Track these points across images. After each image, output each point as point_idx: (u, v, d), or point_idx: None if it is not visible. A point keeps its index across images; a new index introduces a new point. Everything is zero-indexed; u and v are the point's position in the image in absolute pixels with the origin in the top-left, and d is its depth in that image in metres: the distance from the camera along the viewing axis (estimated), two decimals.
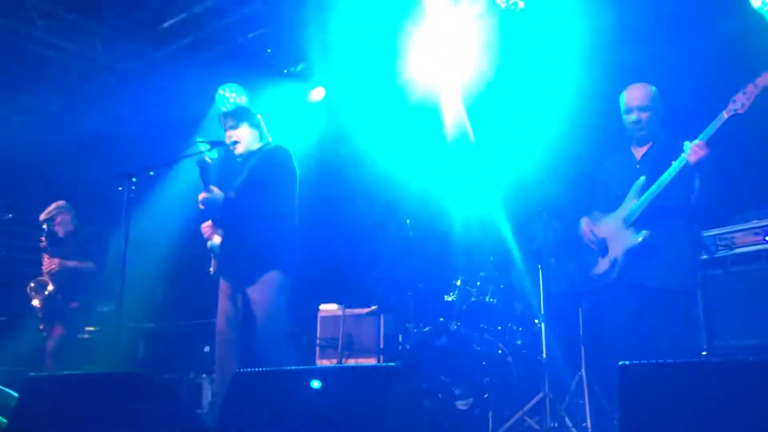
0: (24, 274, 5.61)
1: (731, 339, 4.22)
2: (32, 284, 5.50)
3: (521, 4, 5.61)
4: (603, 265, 3.66)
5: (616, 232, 3.63)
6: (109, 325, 6.41)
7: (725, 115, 3.26)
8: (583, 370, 4.34)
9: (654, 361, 2.06)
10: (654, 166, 3.56)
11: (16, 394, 3.01)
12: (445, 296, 5.32)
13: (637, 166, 3.68)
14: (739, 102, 3.21)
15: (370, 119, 6.77)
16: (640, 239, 3.49)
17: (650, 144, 3.69)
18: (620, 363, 2.05)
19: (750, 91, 3.20)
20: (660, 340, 3.40)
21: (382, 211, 6.59)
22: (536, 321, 4.76)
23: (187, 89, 7.59)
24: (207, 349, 6.24)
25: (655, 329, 3.45)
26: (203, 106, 7.43)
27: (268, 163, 4.18)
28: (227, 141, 4.24)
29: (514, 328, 5.03)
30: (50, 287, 5.45)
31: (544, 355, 4.47)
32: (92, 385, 2.84)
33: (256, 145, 4.34)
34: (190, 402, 5.92)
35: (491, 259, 5.28)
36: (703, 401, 1.89)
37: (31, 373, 2.95)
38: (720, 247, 4.33)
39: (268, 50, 6.52)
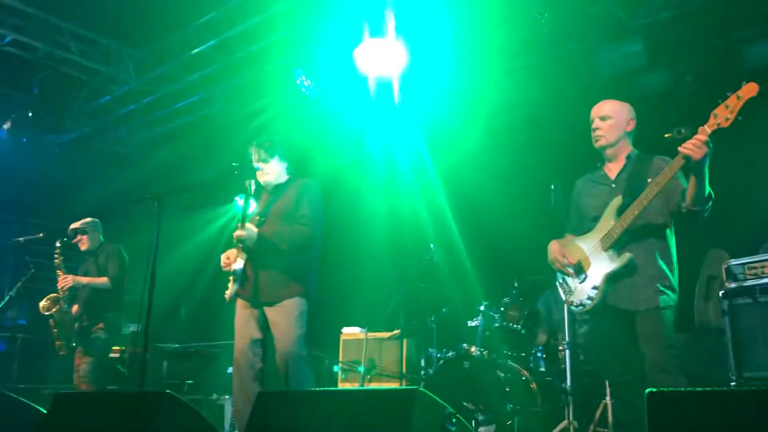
0: (53, 292, 5.67)
1: (761, 370, 4.10)
2: (44, 302, 5.53)
3: None
4: (582, 291, 3.43)
5: (592, 255, 3.42)
6: (135, 346, 6.49)
7: (708, 129, 2.99)
8: (607, 399, 4.26)
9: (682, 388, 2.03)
10: (630, 183, 3.40)
11: (44, 411, 3.05)
12: (469, 321, 5.30)
13: (613, 185, 3.50)
14: (722, 116, 2.98)
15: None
16: (622, 263, 3.28)
17: (624, 161, 3.53)
18: (647, 390, 2.02)
19: (733, 104, 2.96)
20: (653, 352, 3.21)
21: (406, 235, 6.61)
22: (560, 348, 4.72)
23: (215, 113, 7.73)
24: (230, 370, 6.29)
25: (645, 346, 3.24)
26: (232, 131, 7.54)
27: (297, 197, 4.24)
28: (256, 173, 4.27)
29: (539, 354, 4.98)
30: (62, 303, 5.47)
31: (569, 383, 4.41)
32: (118, 404, 2.86)
33: (284, 177, 4.41)
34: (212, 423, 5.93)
35: (515, 284, 5.25)
36: (732, 431, 1.86)
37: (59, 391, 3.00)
38: (749, 276, 4.24)
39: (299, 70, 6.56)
